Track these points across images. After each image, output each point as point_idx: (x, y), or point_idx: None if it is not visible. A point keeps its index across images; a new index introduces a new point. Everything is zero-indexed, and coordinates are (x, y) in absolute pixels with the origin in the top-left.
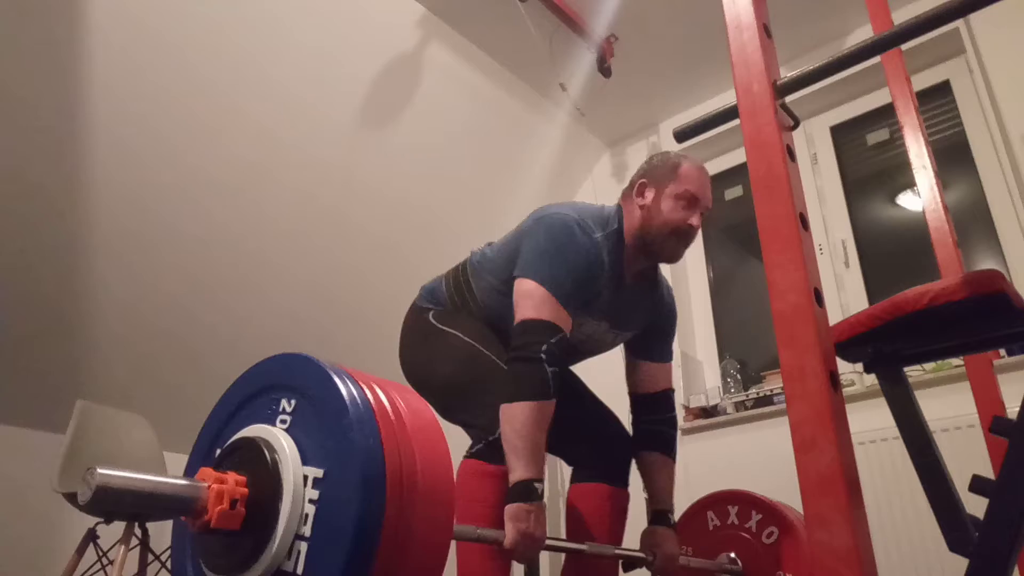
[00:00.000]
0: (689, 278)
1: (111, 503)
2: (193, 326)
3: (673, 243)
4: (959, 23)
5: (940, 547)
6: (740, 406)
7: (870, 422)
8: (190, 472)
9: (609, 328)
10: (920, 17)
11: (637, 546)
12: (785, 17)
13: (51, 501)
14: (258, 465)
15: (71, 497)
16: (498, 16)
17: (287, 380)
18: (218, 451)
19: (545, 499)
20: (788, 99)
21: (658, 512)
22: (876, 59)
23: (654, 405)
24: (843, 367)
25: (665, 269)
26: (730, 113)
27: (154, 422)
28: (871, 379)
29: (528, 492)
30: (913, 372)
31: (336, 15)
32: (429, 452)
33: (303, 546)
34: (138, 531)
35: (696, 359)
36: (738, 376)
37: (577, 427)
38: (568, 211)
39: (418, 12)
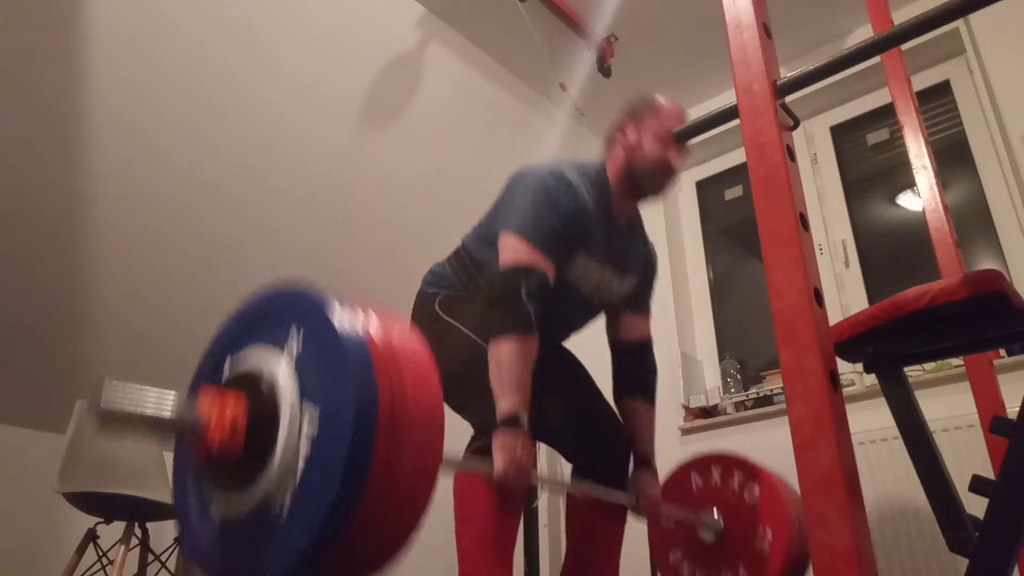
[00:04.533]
0: (689, 278)
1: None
2: (195, 324)
3: (659, 177)
4: (959, 23)
5: (940, 547)
6: (740, 406)
7: (870, 422)
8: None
9: (614, 273)
10: (920, 17)
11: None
12: (785, 17)
13: (51, 501)
14: (258, 397)
15: (71, 497)
16: (498, 16)
17: (291, 308)
18: (225, 373)
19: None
20: (788, 99)
21: (641, 457)
22: (876, 59)
23: (639, 352)
24: (843, 367)
25: (664, 265)
26: (730, 113)
27: None
28: (871, 379)
29: (515, 423)
30: (913, 372)
31: (336, 13)
32: (420, 385)
33: (295, 479)
34: (138, 531)
35: (696, 359)
36: (738, 376)
37: (577, 427)
38: (541, 167)
39: (418, 12)
